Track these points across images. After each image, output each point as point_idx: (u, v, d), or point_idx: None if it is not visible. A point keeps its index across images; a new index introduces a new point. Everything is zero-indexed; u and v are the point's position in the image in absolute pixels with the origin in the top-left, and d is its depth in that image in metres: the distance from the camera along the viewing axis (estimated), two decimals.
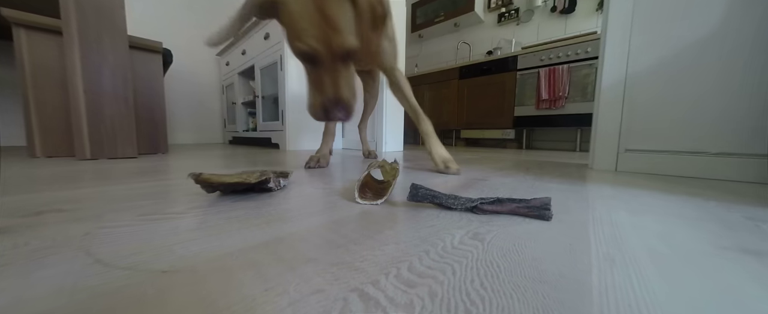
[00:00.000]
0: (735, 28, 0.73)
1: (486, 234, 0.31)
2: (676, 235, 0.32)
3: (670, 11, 0.80)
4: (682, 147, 0.81)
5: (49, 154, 1.15)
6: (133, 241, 0.28)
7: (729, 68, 0.74)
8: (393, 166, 0.55)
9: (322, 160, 0.94)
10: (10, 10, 1.04)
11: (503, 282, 0.21)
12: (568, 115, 2.08)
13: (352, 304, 0.18)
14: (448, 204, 0.40)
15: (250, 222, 0.34)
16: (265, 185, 0.50)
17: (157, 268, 0.23)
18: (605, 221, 0.37)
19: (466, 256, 0.25)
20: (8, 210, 0.39)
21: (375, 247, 0.27)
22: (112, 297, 0.19)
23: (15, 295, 0.19)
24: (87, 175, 0.70)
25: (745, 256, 0.27)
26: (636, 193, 0.55)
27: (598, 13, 2.27)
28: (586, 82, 1.97)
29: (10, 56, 1.87)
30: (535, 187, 0.60)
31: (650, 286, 0.21)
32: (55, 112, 1.15)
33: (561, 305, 0.18)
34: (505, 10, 2.81)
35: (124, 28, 1.10)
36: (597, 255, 0.26)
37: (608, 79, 0.90)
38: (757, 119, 0.71)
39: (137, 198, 0.47)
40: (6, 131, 1.93)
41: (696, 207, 0.45)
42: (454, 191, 0.55)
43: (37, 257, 0.24)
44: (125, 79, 1.11)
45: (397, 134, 1.79)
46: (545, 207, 0.37)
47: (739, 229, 0.34)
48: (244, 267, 0.23)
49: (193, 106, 2.88)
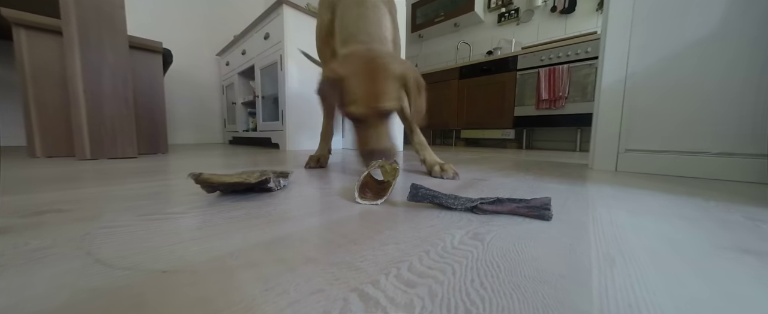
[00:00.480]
0: (735, 28, 0.73)
1: (486, 234, 0.31)
2: (676, 235, 0.32)
3: (670, 11, 0.80)
4: (682, 147, 0.81)
5: (49, 154, 1.15)
6: (133, 241, 0.28)
7: (729, 68, 0.74)
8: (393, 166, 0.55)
9: (322, 160, 0.94)
10: (10, 10, 1.04)
11: (503, 282, 0.21)
12: (568, 115, 2.08)
13: (352, 304, 0.18)
14: (448, 204, 0.40)
15: (250, 222, 0.34)
16: (265, 185, 0.50)
17: (157, 268, 0.23)
18: (605, 221, 0.37)
19: (466, 256, 0.25)
20: (8, 210, 0.39)
21: (375, 247, 0.27)
22: (112, 297, 0.19)
23: (15, 295, 0.19)
24: (87, 175, 0.70)
25: (745, 256, 0.27)
26: (636, 193, 0.55)
27: (598, 13, 2.27)
28: (586, 82, 1.97)
29: (10, 56, 1.87)
30: (535, 187, 0.60)
31: (650, 286, 0.21)
32: (55, 112, 1.15)
33: (561, 305, 0.18)
34: (505, 10, 2.81)
35: (124, 28, 1.10)
36: (597, 255, 0.26)
37: (608, 79, 0.90)
38: (758, 119, 0.71)
39: (137, 198, 0.47)
40: (6, 131, 1.93)
41: (696, 207, 0.45)
42: (454, 191, 0.55)
43: (37, 257, 0.24)
44: (125, 79, 1.11)
45: (397, 134, 1.80)
46: (545, 207, 0.37)
47: (739, 229, 0.34)
48: (244, 267, 0.23)
49: (193, 106, 2.88)
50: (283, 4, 1.66)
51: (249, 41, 2.15)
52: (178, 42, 2.69)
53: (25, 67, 1.08)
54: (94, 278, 0.21)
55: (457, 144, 2.97)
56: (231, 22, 3.04)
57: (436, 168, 0.74)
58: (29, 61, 1.09)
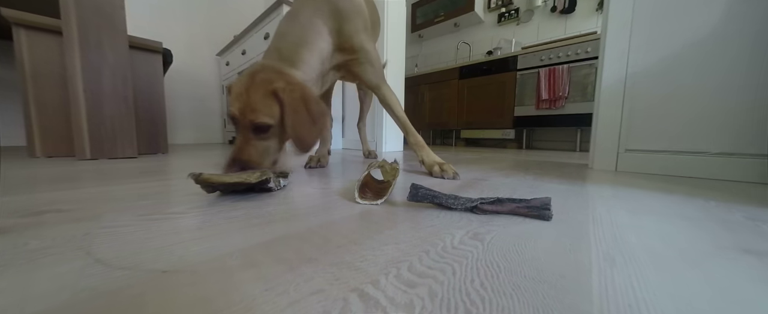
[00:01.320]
0: (736, 27, 0.73)
1: (486, 234, 0.31)
2: (676, 235, 0.32)
3: (670, 11, 0.80)
4: (682, 147, 0.81)
5: (49, 154, 1.15)
6: (133, 241, 0.28)
7: (729, 68, 0.74)
8: (393, 166, 0.55)
9: (322, 160, 0.94)
10: (10, 10, 1.04)
11: (503, 282, 0.21)
12: (568, 115, 2.08)
13: (352, 304, 0.18)
14: (448, 204, 0.40)
15: (250, 222, 0.34)
16: (266, 185, 0.50)
17: (157, 268, 0.23)
18: (605, 221, 0.37)
19: (466, 256, 0.25)
20: (8, 210, 0.39)
21: (375, 247, 0.27)
22: (112, 297, 0.19)
23: (15, 295, 0.19)
24: (87, 175, 0.70)
25: (745, 256, 0.27)
26: (636, 193, 0.55)
27: (598, 13, 2.27)
28: (586, 82, 1.97)
29: (10, 56, 1.87)
30: (535, 187, 0.60)
31: (650, 286, 0.21)
32: (55, 112, 1.15)
33: (561, 305, 0.18)
34: (505, 10, 2.81)
35: (124, 28, 1.10)
36: (597, 255, 0.26)
37: (608, 79, 0.90)
38: (758, 119, 0.71)
39: (137, 198, 0.47)
40: (6, 131, 1.93)
41: (696, 207, 0.45)
42: (454, 191, 0.55)
43: (37, 257, 0.24)
44: (125, 79, 1.11)
45: (397, 134, 1.79)
46: (545, 207, 0.37)
47: (739, 229, 0.34)
48: (244, 267, 0.23)
49: (193, 106, 2.88)
50: (283, 3, 1.66)
51: (249, 41, 2.15)
52: (178, 42, 2.69)
53: (25, 67, 1.08)
54: (94, 278, 0.21)
55: (457, 144, 2.97)
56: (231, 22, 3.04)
57: (436, 169, 0.74)
58: (29, 61, 1.09)
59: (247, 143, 0.58)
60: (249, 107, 0.56)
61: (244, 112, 0.56)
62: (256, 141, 0.59)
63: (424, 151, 0.79)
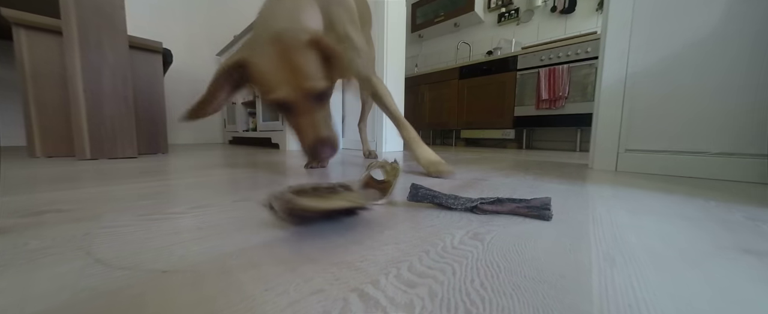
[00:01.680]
0: (736, 27, 0.73)
1: (486, 234, 0.31)
2: (676, 235, 0.32)
3: (671, 11, 0.80)
4: (682, 147, 0.81)
5: (49, 154, 1.15)
6: (133, 241, 0.28)
7: (730, 68, 0.74)
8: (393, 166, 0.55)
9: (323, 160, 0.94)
10: (10, 10, 1.04)
11: (503, 282, 0.21)
12: (568, 115, 2.07)
13: (352, 304, 0.18)
14: (448, 204, 0.40)
15: (251, 222, 0.34)
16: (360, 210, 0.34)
17: (157, 268, 0.23)
18: (605, 221, 0.37)
19: (466, 256, 0.25)
20: (8, 210, 0.39)
21: (375, 247, 0.27)
22: (112, 297, 0.19)
23: (15, 295, 0.19)
24: (87, 175, 0.70)
25: (745, 256, 0.27)
26: (636, 193, 0.55)
27: (598, 13, 2.27)
28: (586, 82, 1.97)
29: (10, 56, 1.87)
30: (535, 187, 0.60)
31: (650, 286, 0.21)
32: (55, 112, 1.15)
33: (561, 305, 0.18)
34: (505, 10, 2.81)
35: (124, 28, 1.10)
36: (597, 255, 0.26)
37: (608, 79, 0.90)
38: (758, 119, 0.71)
39: (137, 198, 0.47)
40: (6, 131, 1.93)
41: (696, 207, 0.45)
42: (454, 191, 0.55)
43: (37, 257, 0.24)
44: (125, 79, 1.11)
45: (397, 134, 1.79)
46: (545, 207, 0.37)
47: (739, 229, 0.34)
48: (245, 267, 0.23)
49: None
50: None
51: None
52: (178, 42, 2.69)
53: (25, 67, 1.08)
54: (94, 278, 0.21)
55: (457, 144, 2.97)
56: (231, 22, 3.04)
57: (432, 168, 0.73)
58: (29, 61, 1.09)
59: (314, 117, 0.49)
60: (301, 76, 0.47)
61: (300, 84, 0.47)
62: (320, 111, 0.50)
63: (420, 148, 0.76)
